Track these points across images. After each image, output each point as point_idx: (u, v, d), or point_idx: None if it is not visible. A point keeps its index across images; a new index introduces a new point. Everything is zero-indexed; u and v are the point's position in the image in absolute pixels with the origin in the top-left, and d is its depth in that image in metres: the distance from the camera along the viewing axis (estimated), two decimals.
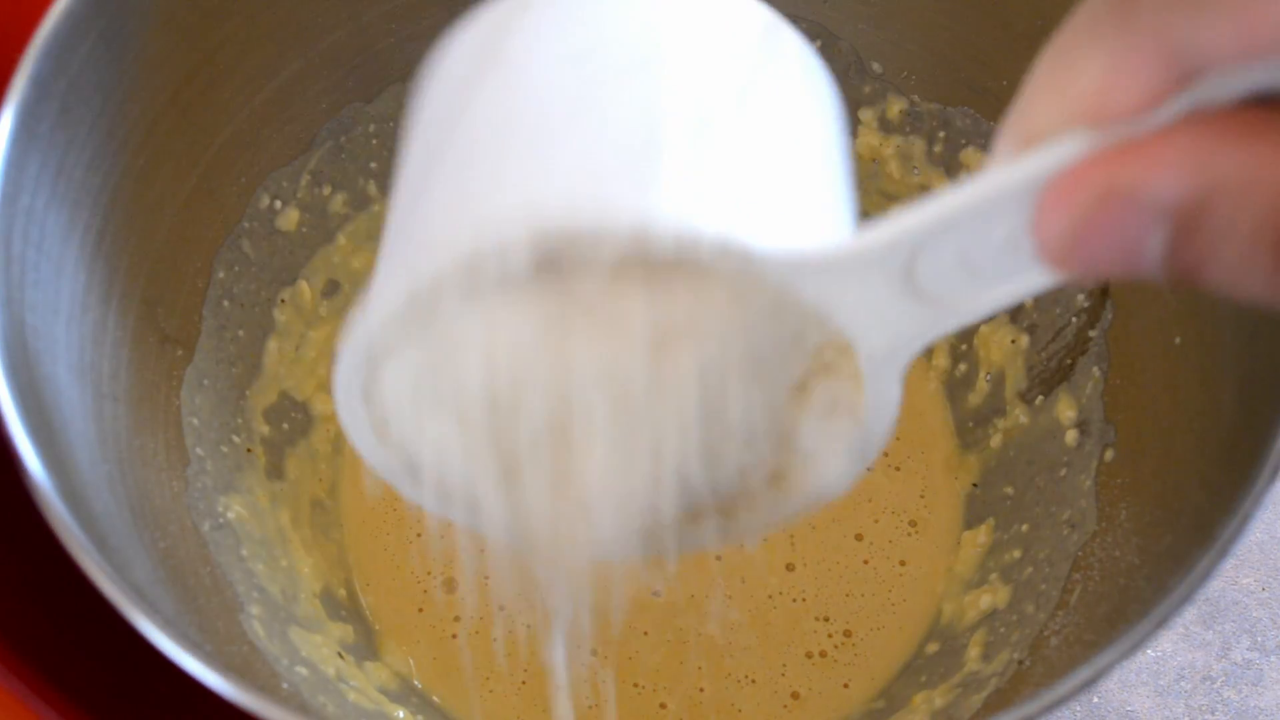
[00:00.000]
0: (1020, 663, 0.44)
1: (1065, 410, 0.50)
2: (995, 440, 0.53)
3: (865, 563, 0.52)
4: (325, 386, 0.55)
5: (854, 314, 0.27)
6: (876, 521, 0.53)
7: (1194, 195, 0.20)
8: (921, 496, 0.54)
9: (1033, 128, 0.22)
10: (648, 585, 0.50)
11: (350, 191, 0.54)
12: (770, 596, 0.51)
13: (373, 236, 0.56)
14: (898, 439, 0.55)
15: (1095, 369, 0.49)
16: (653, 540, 0.31)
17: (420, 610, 0.52)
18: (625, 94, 0.26)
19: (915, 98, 0.54)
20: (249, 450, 0.50)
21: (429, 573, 0.53)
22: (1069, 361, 0.50)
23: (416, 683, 0.51)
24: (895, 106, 0.54)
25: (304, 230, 0.53)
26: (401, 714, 0.47)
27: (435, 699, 0.51)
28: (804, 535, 0.53)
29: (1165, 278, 0.22)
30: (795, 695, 0.50)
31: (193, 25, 0.45)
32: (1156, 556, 0.41)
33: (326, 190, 0.53)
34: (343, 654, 0.48)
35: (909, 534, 0.53)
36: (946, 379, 0.56)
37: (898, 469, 0.54)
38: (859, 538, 0.53)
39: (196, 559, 0.44)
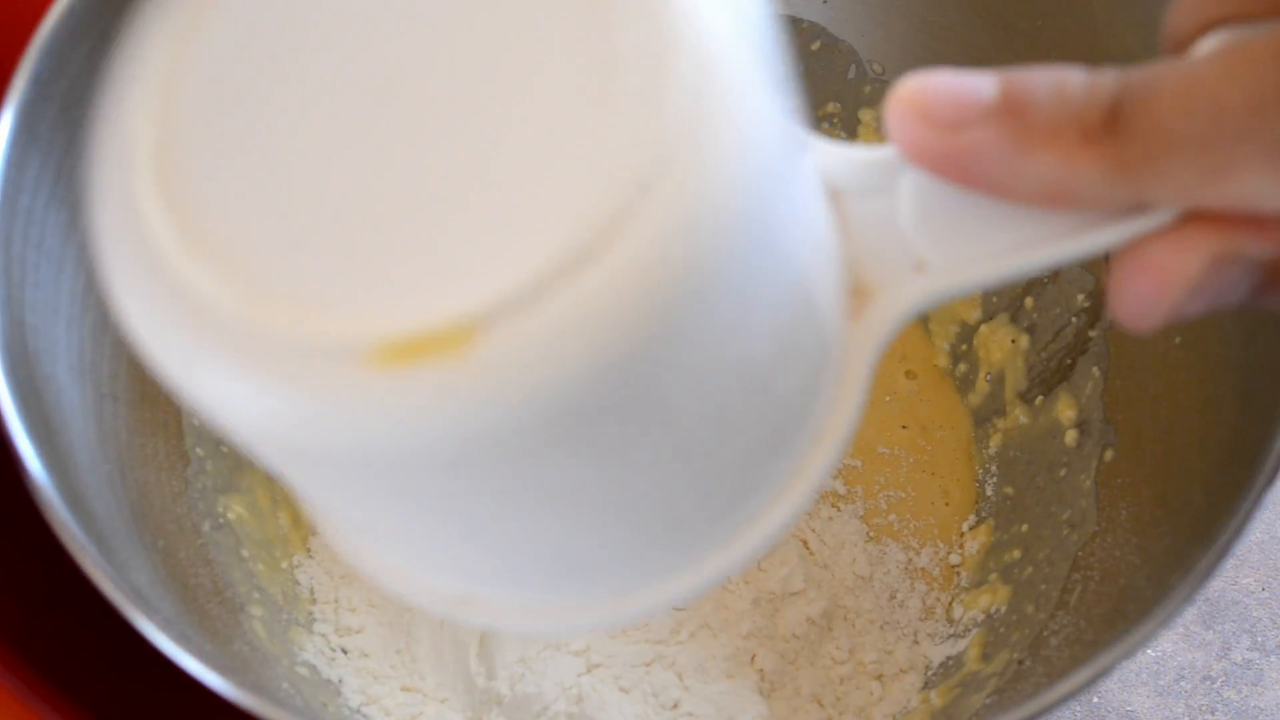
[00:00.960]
0: (1020, 663, 0.44)
1: (1065, 410, 0.50)
2: (995, 440, 0.53)
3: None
4: None
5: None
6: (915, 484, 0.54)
7: None
8: (951, 467, 0.55)
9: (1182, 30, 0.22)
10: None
11: None
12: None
13: None
14: (911, 423, 0.55)
15: (1095, 369, 0.49)
16: None
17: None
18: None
19: None
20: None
21: None
22: (1069, 361, 0.50)
23: None
24: None
25: None
26: None
27: None
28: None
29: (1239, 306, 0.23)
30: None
31: None
32: (1156, 556, 0.41)
33: None
34: (343, 653, 0.48)
35: (945, 504, 0.54)
36: (947, 379, 0.56)
37: (927, 432, 0.55)
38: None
39: (197, 559, 0.44)
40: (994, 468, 0.53)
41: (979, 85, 0.21)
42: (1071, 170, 0.21)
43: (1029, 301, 0.53)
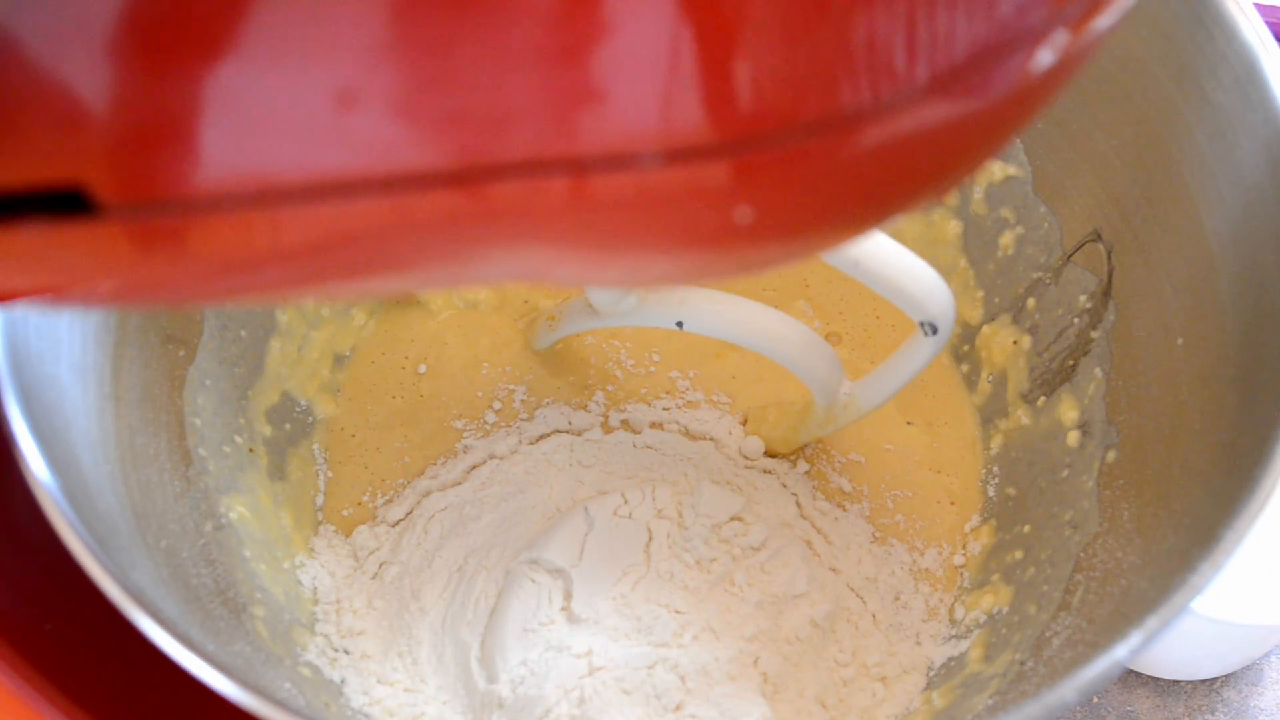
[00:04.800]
0: (1022, 664, 0.44)
1: (1067, 411, 0.50)
2: (997, 441, 0.53)
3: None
4: (328, 387, 0.55)
5: None
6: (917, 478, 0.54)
7: None
8: (957, 465, 0.55)
9: None
10: None
11: None
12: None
13: None
14: (916, 419, 0.55)
15: (1097, 370, 0.49)
16: None
17: None
18: None
19: None
20: (251, 451, 0.50)
21: None
22: (1071, 362, 0.50)
23: None
24: None
25: None
26: None
27: None
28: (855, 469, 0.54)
29: None
30: None
31: None
32: (1158, 557, 0.41)
33: None
34: (345, 654, 0.48)
35: (950, 503, 0.53)
36: (952, 372, 0.56)
37: (932, 428, 0.55)
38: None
39: (199, 559, 0.44)
40: (996, 468, 0.53)
41: None
42: None
43: (1031, 302, 0.52)
